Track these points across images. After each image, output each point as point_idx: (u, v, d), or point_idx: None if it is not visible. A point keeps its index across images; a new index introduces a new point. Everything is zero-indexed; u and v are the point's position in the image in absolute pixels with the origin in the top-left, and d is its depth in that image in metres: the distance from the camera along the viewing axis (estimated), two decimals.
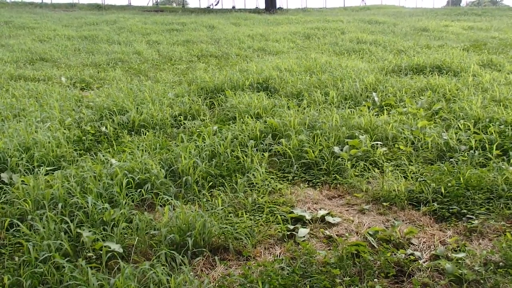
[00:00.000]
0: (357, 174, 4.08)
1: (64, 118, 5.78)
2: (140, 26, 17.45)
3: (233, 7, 40.81)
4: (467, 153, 4.22)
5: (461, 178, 3.62)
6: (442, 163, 4.13)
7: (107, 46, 13.06)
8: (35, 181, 3.62)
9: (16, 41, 13.75)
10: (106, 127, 5.46)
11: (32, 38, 14.51)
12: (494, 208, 3.31)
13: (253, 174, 3.97)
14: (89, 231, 3.00)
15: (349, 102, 6.16)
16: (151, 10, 33.36)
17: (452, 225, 3.20)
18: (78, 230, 3.01)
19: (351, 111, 5.59)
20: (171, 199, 3.49)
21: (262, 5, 39.27)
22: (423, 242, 3.01)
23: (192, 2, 49.69)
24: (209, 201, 3.60)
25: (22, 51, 12.12)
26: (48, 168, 4.16)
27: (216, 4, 38.98)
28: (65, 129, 5.29)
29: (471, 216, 3.25)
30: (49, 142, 4.64)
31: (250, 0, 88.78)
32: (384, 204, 3.55)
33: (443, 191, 3.53)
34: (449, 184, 3.59)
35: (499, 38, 14.18)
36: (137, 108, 6.07)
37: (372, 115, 5.34)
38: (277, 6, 38.36)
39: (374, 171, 4.08)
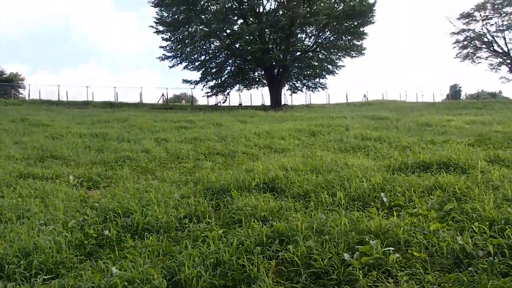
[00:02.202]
0: (370, 284, 3.86)
1: (67, 220, 5.70)
2: (150, 124, 17.97)
3: (240, 104, 42.32)
4: (486, 260, 4.02)
5: None
6: (460, 271, 3.92)
7: (117, 144, 13.32)
8: None
9: (30, 138, 14.13)
10: (109, 230, 5.34)
11: (45, 135, 14.92)
12: None
13: (259, 286, 3.76)
14: None
15: (357, 204, 6.04)
16: (161, 107, 34.65)
17: None
18: None
19: (359, 213, 5.46)
20: None
21: (268, 102, 40.74)
22: None
23: (200, 99, 51.53)
24: None
25: (34, 148, 12.39)
26: (45, 277, 4.02)
27: (223, 102, 40.47)
28: (67, 232, 5.20)
29: None
30: (50, 247, 4.53)
31: (256, 96, 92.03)
32: None
33: None
34: None
35: (503, 132, 14.29)
36: (142, 210, 5.99)
37: (382, 217, 5.20)
38: (282, 102, 39.81)
39: (388, 281, 3.86)
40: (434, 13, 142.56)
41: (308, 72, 40.84)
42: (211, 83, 39.11)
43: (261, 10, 36.61)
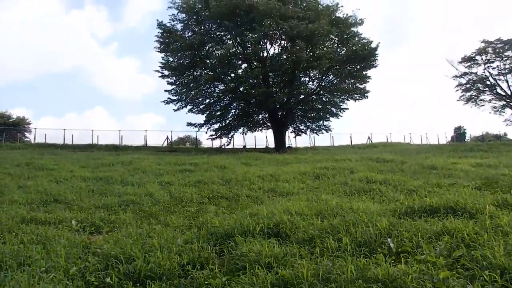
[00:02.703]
0: None
1: (69, 267, 5.61)
2: (154, 167, 17.98)
3: (244, 147, 42.52)
4: None
5: None
6: None
7: (120, 188, 13.29)
8: None
9: (34, 182, 14.11)
10: (110, 278, 5.25)
11: (49, 179, 14.91)
12: None
13: None
14: None
15: (364, 249, 5.92)
16: (166, 150, 34.81)
17: None
18: None
19: (366, 260, 5.34)
20: None
21: (272, 144, 40.88)
22: None
23: (205, 142, 51.82)
24: None
25: (37, 192, 12.35)
26: None
27: (227, 144, 40.65)
28: (68, 280, 5.11)
29: None
30: None
31: (261, 139, 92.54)
32: None
33: None
34: None
35: (510, 175, 14.15)
36: (144, 256, 5.89)
37: (389, 264, 5.08)
38: (287, 145, 39.94)
39: None
40: (436, 56, 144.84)
41: (312, 114, 41.17)
42: (216, 126, 39.44)
43: (265, 54, 37.33)
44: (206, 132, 40.20)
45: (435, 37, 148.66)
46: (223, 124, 39.54)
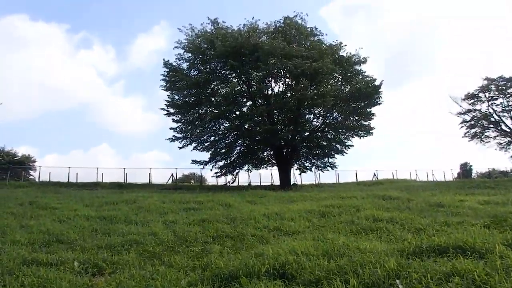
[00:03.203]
0: None
1: None
2: (158, 205, 17.87)
3: (249, 184, 42.36)
4: None
5: None
6: None
7: (124, 227, 13.15)
8: None
9: (36, 222, 14.00)
10: None
11: (53, 219, 14.80)
12: None
13: None
14: None
15: None
16: (170, 188, 34.70)
17: None
18: None
19: None
20: None
21: (277, 181, 40.73)
22: None
23: (209, 179, 51.71)
24: None
25: (40, 232, 12.22)
26: None
27: (232, 182, 40.53)
28: None
29: None
30: None
31: (266, 176, 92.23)
32: None
33: None
34: None
35: None
36: None
37: None
38: (292, 182, 39.77)
39: None
40: (441, 93, 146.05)
41: (317, 151, 41.16)
42: (220, 163, 39.41)
43: (269, 92, 37.76)
44: (211, 170, 40.13)
45: (438, 74, 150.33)
46: (228, 162, 39.54)
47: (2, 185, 32.29)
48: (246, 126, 37.45)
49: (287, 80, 37.90)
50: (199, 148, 39.29)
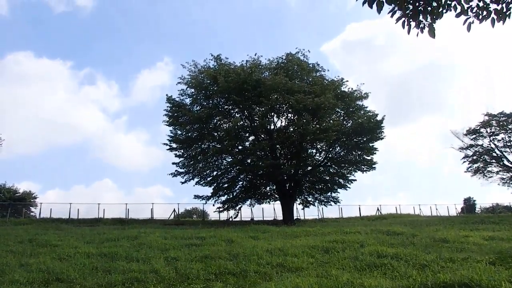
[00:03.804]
0: None
1: None
2: (160, 242, 17.70)
3: (252, 219, 42.03)
4: None
5: None
6: None
7: (125, 264, 13.00)
8: None
9: (36, 260, 13.85)
10: None
11: (52, 257, 14.63)
12: None
13: None
14: None
15: None
16: (172, 223, 34.45)
17: None
18: None
19: None
20: None
21: (280, 216, 40.40)
22: None
23: (212, 214, 51.38)
24: None
25: (39, 271, 12.08)
26: None
27: (235, 217, 40.22)
28: None
29: None
30: None
31: (268, 210, 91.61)
32: None
33: None
34: None
35: None
36: None
37: None
38: (295, 217, 39.43)
39: None
40: (444, 129, 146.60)
41: (320, 186, 40.98)
42: (223, 198, 39.18)
43: (272, 127, 37.96)
44: (213, 205, 39.87)
45: (440, 110, 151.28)
46: (231, 196, 39.35)
47: (3, 222, 32.09)
48: (248, 161, 37.46)
49: (289, 115, 38.17)
50: (201, 183, 39.19)
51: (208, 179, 39.25)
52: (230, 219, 40.23)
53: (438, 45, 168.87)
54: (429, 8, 7.69)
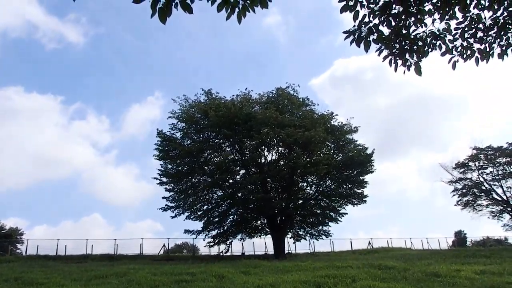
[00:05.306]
0: None
1: None
2: (149, 278, 17.41)
3: (243, 253, 41.56)
4: None
5: None
6: None
7: None
8: None
9: None
10: None
11: None
12: None
13: None
14: None
15: None
16: (162, 259, 33.94)
17: None
18: None
19: None
20: None
21: (271, 250, 40.01)
22: None
23: (202, 248, 50.73)
24: None
25: None
26: None
27: (226, 252, 39.78)
28: None
29: None
30: None
31: (259, 244, 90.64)
32: None
33: None
34: None
35: None
36: None
37: None
38: (286, 251, 39.06)
39: None
40: (431, 162, 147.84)
41: (311, 219, 40.80)
42: (214, 232, 38.75)
43: (262, 160, 38.07)
44: (204, 239, 39.42)
45: (429, 143, 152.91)
46: (222, 231, 38.97)
47: None
48: (239, 195, 37.34)
49: (280, 148, 38.41)
50: (192, 217, 38.82)
51: (199, 213, 38.94)
52: (221, 254, 39.75)
53: (426, 79, 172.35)
54: (414, 47, 8.01)
